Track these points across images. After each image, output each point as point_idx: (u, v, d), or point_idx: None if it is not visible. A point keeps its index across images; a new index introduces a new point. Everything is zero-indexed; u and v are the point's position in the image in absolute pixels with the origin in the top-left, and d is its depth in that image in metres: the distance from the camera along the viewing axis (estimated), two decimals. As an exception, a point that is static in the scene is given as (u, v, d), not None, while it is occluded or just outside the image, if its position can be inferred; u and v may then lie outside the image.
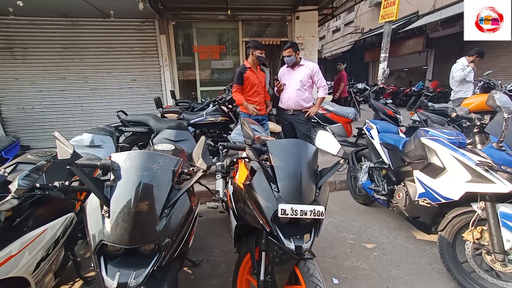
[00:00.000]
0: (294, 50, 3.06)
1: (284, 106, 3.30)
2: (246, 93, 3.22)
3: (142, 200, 1.05)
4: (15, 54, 5.17)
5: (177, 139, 2.25)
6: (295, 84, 3.17)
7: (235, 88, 3.17)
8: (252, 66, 3.19)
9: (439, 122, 3.16)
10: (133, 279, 0.96)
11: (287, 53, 3.08)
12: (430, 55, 11.59)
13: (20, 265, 1.10)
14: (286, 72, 3.27)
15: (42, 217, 1.30)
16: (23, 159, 1.56)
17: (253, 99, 3.24)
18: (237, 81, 3.15)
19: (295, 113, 3.23)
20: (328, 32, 20.59)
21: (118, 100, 5.69)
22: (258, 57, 3.12)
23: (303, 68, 3.14)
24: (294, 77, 3.18)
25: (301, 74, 3.14)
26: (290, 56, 3.07)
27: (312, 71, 3.12)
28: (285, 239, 1.14)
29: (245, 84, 3.17)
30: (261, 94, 3.32)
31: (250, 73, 3.16)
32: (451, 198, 1.75)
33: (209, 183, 3.18)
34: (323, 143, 1.39)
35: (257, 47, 3.11)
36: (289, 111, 3.26)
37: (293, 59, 3.09)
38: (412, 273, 1.94)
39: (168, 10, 5.47)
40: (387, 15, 5.36)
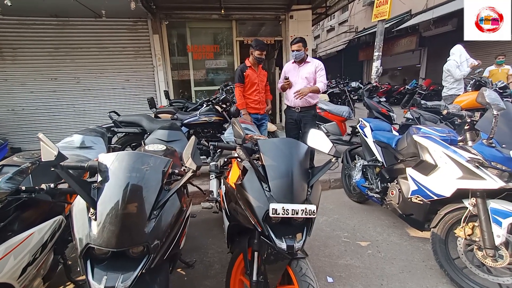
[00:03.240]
0: (304, 45, 2.97)
1: (291, 104, 3.20)
2: (247, 91, 3.22)
3: (130, 202, 1.03)
4: (4, 54, 5.06)
5: (169, 140, 2.22)
6: (301, 81, 3.09)
7: (237, 87, 3.18)
8: (253, 65, 3.19)
9: (431, 119, 3.18)
10: (120, 283, 0.94)
11: (296, 47, 2.96)
12: (423, 53, 11.71)
13: (4, 271, 1.06)
14: (292, 69, 3.17)
15: (28, 221, 1.27)
16: (8, 161, 1.53)
17: (253, 98, 3.24)
18: (238, 80, 3.15)
19: (302, 110, 3.17)
20: (323, 32, 20.66)
21: (111, 101, 5.63)
22: (256, 58, 3.11)
23: (310, 65, 3.07)
24: (301, 74, 3.09)
25: (307, 71, 3.07)
26: (299, 51, 2.96)
27: (317, 68, 3.05)
28: (276, 239, 1.13)
29: (246, 82, 3.17)
30: (261, 93, 3.31)
31: (250, 71, 3.16)
32: (443, 195, 1.76)
33: (203, 183, 3.17)
34: (315, 141, 1.38)
35: (257, 47, 3.09)
36: (296, 109, 3.18)
37: (301, 54, 2.99)
38: (405, 270, 1.95)
39: (161, 10, 5.42)
40: (380, 14, 5.39)
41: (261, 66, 3.29)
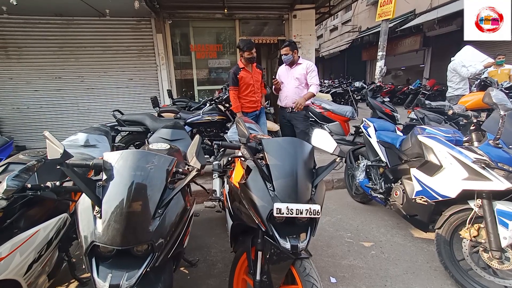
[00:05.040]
0: (291, 49, 3.08)
1: (283, 104, 3.32)
2: (242, 93, 3.21)
3: (135, 200, 1.03)
4: (9, 53, 5.10)
5: (173, 138, 2.23)
6: (293, 82, 3.19)
7: (231, 90, 3.18)
8: (246, 65, 3.18)
9: (436, 120, 3.16)
10: (125, 281, 0.94)
11: (284, 51, 3.11)
12: (427, 53, 11.63)
13: (11, 267, 1.07)
14: (285, 71, 3.29)
15: (34, 218, 1.28)
16: (14, 159, 1.54)
17: (249, 98, 3.24)
18: (232, 83, 3.15)
19: (293, 111, 3.23)
20: (326, 31, 20.59)
21: (115, 100, 5.65)
22: (247, 58, 3.11)
23: (301, 67, 3.17)
24: (292, 76, 3.20)
25: (298, 72, 3.16)
26: (287, 55, 3.10)
27: (308, 69, 3.13)
28: (280, 239, 1.13)
29: (240, 84, 3.17)
30: (257, 93, 3.30)
31: (244, 73, 3.15)
32: (448, 195, 1.75)
33: (206, 182, 3.17)
34: (319, 141, 1.37)
35: (244, 48, 3.07)
36: (287, 109, 3.28)
37: (290, 58, 3.11)
38: (409, 271, 1.94)
39: (164, 9, 5.42)
40: (384, 13, 5.36)
41: (254, 65, 3.26)
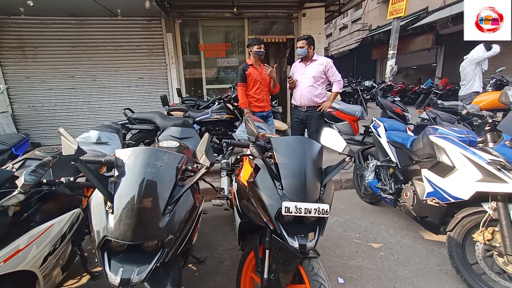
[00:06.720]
0: (308, 43, 2.97)
1: (297, 103, 3.20)
2: (249, 90, 3.21)
3: (146, 197, 1.05)
4: (26, 53, 5.27)
5: (182, 137, 2.25)
6: (307, 80, 3.07)
7: (239, 86, 3.18)
8: (254, 63, 3.17)
9: (448, 120, 3.08)
10: (136, 275, 0.96)
11: (300, 44, 3.00)
12: (440, 52, 11.32)
13: (28, 259, 1.11)
14: (299, 68, 3.18)
15: (49, 212, 1.32)
16: (31, 155, 1.59)
17: (256, 96, 3.23)
18: (240, 79, 3.15)
19: (309, 110, 3.16)
20: (335, 30, 20.33)
21: (125, 98, 5.76)
22: (256, 52, 3.09)
23: (316, 64, 3.05)
24: (307, 73, 3.08)
25: (313, 70, 3.05)
26: (302, 48, 2.98)
27: (326, 67, 3.02)
28: (289, 238, 1.13)
29: (248, 81, 3.16)
30: (264, 91, 3.29)
31: (252, 70, 3.15)
32: (461, 197, 1.70)
33: (214, 180, 3.19)
34: (329, 140, 1.36)
35: (253, 42, 3.08)
36: (302, 108, 3.17)
37: (304, 52, 2.99)
38: (419, 274, 1.90)
39: (174, 8, 5.48)
40: (396, 11, 5.25)
41: (262, 65, 3.23)
